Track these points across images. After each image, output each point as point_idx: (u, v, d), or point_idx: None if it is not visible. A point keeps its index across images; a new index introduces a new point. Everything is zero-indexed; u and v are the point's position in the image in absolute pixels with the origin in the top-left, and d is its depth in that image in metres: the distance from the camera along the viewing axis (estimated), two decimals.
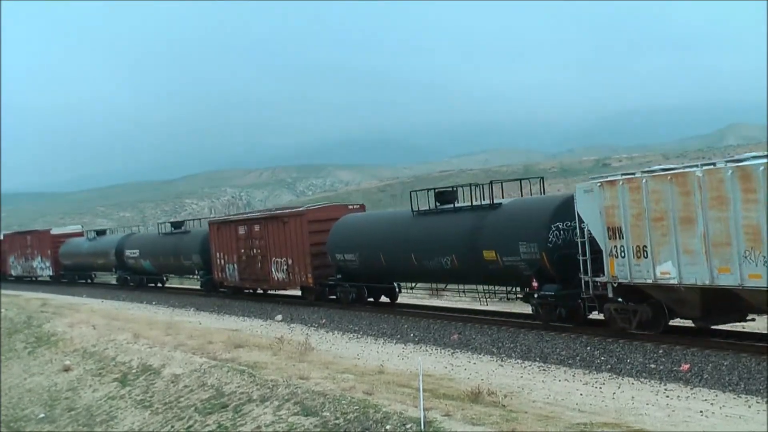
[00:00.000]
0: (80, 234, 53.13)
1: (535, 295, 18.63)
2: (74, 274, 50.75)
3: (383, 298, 26.22)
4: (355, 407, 12.27)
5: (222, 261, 32.48)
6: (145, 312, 31.97)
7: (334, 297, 26.75)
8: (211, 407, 15.34)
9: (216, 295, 34.29)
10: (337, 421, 12.11)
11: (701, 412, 11.66)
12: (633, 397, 12.75)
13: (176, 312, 31.13)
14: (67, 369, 23.81)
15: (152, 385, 18.77)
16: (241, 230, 30.89)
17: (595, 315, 18.08)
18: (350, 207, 28.39)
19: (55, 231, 55.13)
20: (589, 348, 16.39)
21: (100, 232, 49.18)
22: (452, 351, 18.16)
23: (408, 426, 11.01)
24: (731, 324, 16.53)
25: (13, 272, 58.82)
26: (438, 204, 22.19)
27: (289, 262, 27.82)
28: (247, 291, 33.33)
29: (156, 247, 38.93)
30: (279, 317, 26.36)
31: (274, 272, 28.88)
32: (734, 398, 12.35)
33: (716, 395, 12.56)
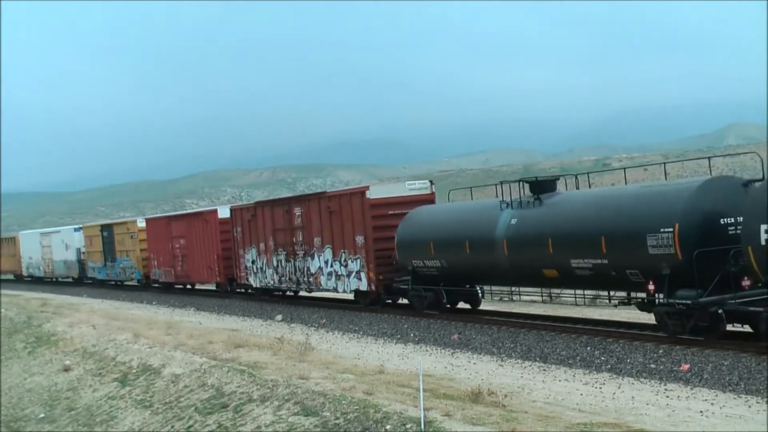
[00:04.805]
0: (429, 197, 24.65)
1: None
2: (439, 291, 22.07)
3: None
4: (355, 407, 12.26)
5: None
6: (145, 312, 31.97)
7: None
8: (211, 407, 15.33)
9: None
10: (337, 421, 12.11)
11: (701, 412, 11.65)
12: (633, 397, 12.74)
13: (176, 312, 31.13)
14: (67, 369, 23.79)
15: (152, 385, 18.76)
16: None
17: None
18: None
19: (374, 194, 24.31)
20: (589, 348, 16.38)
21: (540, 185, 19.30)
22: (452, 351, 18.16)
23: (408, 426, 11.00)
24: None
25: (253, 281, 30.81)
26: None
27: None
28: None
29: None
30: (279, 317, 26.36)
31: None
32: (734, 398, 12.34)
33: (716, 395, 12.54)
